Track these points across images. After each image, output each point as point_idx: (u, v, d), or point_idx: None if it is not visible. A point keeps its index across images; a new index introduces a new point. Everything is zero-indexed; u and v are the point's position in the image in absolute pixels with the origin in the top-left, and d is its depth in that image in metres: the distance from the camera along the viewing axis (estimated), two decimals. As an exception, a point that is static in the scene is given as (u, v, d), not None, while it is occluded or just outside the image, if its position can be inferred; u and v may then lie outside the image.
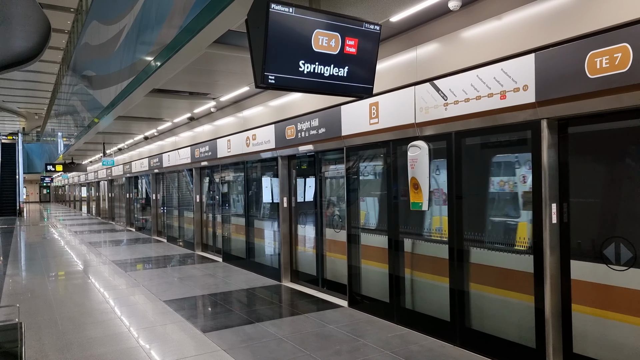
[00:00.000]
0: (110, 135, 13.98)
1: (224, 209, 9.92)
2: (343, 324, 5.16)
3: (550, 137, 3.54)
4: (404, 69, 4.78)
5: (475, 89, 3.98)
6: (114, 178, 21.21)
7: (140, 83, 6.76)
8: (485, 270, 4.16)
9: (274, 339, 4.72)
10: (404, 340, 4.59)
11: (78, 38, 15.28)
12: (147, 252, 11.55)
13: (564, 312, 3.58)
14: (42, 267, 9.40)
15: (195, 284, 7.41)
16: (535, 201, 3.60)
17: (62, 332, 5.07)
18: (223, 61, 5.65)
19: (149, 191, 15.71)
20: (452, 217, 4.37)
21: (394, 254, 5.10)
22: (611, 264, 3.30)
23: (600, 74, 3.09)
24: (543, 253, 3.55)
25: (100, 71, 10.81)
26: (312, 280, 6.96)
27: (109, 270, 8.97)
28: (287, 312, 5.87)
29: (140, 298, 6.61)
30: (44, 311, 5.96)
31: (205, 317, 5.60)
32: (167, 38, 5.32)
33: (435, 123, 4.43)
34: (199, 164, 10.65)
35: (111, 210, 22.54)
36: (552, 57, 3.39)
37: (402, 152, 4.93)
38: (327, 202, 6.76)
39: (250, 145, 8.10)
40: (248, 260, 8.63)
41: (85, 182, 30.74)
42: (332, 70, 3.48)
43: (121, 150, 17.99)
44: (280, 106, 7.20)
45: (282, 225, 7.46)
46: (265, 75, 3.23)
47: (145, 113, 9.80)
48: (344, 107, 5.69)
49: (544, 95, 3.45)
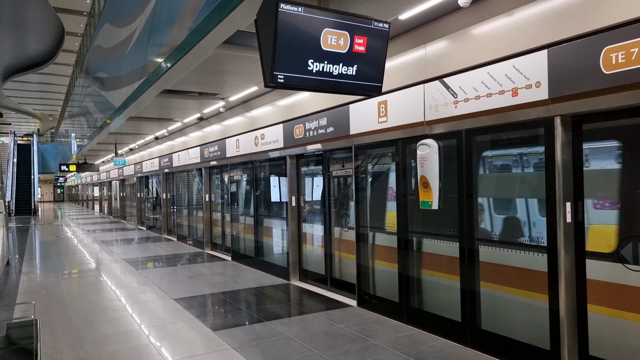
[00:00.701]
0: (121, 136, 14.12)
1: (233, 208, 9.96)
2: (352, 323, 5.14)
3: (564, 135, 3.48)
4: (413, 67, 4.74)
5: (486, 86, 3.93)
6: (125, 178, 21.43)
7: (151, 84, 6.81)
8: (497, 270, 4.11)
9: (283, 337, 4.72)
10: (413, 340, 4.56)
11: (91, 41, 15.45)
12: (158, 250, 11.65)
13: (579, 313, 3.52)
14: (56, 265, 9.53)
15: (204, 282, 7.45)
16: (549, 200, 3.54)
17: (76, 329, 5.13)
18: (232, 61, 5.67)
19: (159, 190, 15.84)
20: (462, 216, 4.32)
21: (404, 253, 5.07)
22: (628, 264, 3.24)
23: (616, 69, 3.03)
24: (557, 252, 3.49)
25: (112, 73, 10.92)
26: (321, 279, 6.95)
27: (121, 268, 9.06)
28: (296, 311, 5.87)
29: (151, 296, 6.66)
30: (58, 308, 6.04)
31: (214, 316, 5.62)
32: (177, 39, 5.34)
33: (445, 121, 4.39)
34: (208, 163, 10.71)
35: (122, 210, 22.78)
36: (566, 52, 3.33)
37: (411, 150, 4.89)
38: (336, 201, 6.74)
39: (258, 144, 8.11)
40: (257, 259, 8.65)
41: (98, 182, 31.11)
42: (341, 69, 3.46)
43: (132, 151, 18.17)
44: (289, 105, 7.20)
45: (290, 224, 7.46)
46: (275, 74, 3.22)
47: (155, 113, 9.88)
48: (352, 106, 5.67)
49: (557, 92, 3.39)
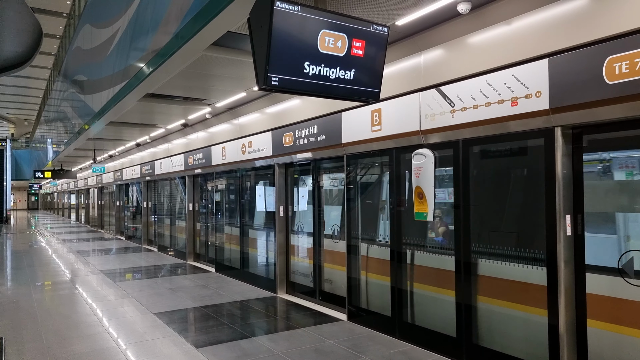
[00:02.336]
0: (101, 142, 13.70)
1: (218, 217, 9.68)
2: (343, 338, 4.94)
3: (564, 146, 3.40)
4: (409, 75, 4.64)
5: (484, 95, 3.84)
6: (104, 185, 20.83)
7: (133, 88, 6.56)
8: (494, 283, 3.99)
9: (270, 355, 4.49)
10: (407, 356, 4.39)
11: (70, 42, 15.04)
12: (137, 261, 11.23)
13: (578, 328, 3.41)
14: (27, 277, 9.06)
15: (187, 296, 7.15)
16: (548, 212, 3.44)
17: (47, 347, 4.80)
18: (220, 65, 5.48)
19: (139, 199, 15.39)
20: (458, 227, 4.20)
21: (397, 265, 4.92)
22: (629, 278, 3.15)
23: (620, 79, 2.96)
24: (557, 266, 3.38)
25: (91, 76, 10.58)
26: (309, 292, 6.73)
27: (97, 280, 8.66)
28: (284, 325, 5.64)
29: (130, 310, 6.33)
30: (28, 324, 5.67)
31: (197, 331, 5.35)
32: (160, 43, 5.14)
33: (441, 130, 4.28)
34: (193, 171, 10.42)
35: (101, 218, 22.11)
36: (568, 62, 3.26)
37: (405, 160, 4.77)
38: (325, 212, 6.57)
39: (246, 152, 7.90)
40: (242, 270, 8.38)
41: (75, 190, 30.22)
42: (339, 73, 3.32)
43: (112, 157, 17.67)
44: (278, 113, 7.03)
45: (278, 235, 7.25)
46: (269, 76, 3.06)
47: (137, 119, 9.58)
48: (344, 114, 5.54)
49: (558, 102, 3.31)
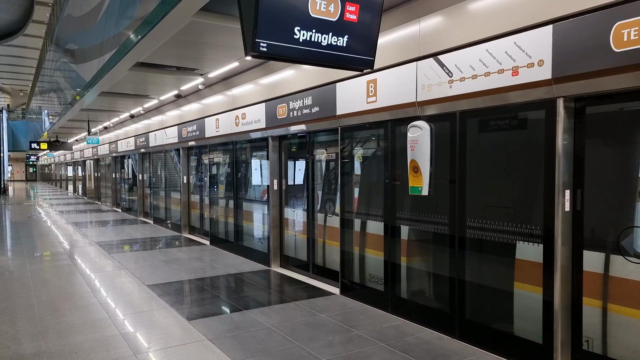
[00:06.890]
0: (95, 113, 13.46)
1: (212, 190, 9.59)
2: (335, 312, 4.93)
3: (566, 118, 3.26)
4: (406, 43, 4.44)
5: (484, 65, 3.67)
6: (100, 157, 20.68)
7: (122, 56, 6.34)
8: (489, 260, 3.92)
9: (262, 328, 4.47)
10: (399, 331, 4.37)
11: (61, 9, 14.59)
12: (133, 233, 11.21)
13: (574, 306, 3.35)
14: (23, 248, 9.04)
15: (181, 268, 7.13)
16: (547, 187, 3.33)
17: (39, 318, 4.77)
18: (211, 32, 5.26)
19: (135, 171, 15.28)
20: (453, 202, 4.11)
21: (390, 240, 4.85)
22: (629, 256, 3.07)
23: (628, 47, 2.79)
24: (554, 242, 3.30)
25: (82, 44, 10.28)
26: (303, 265, 6.71)
27: (93, 252, 8.64)
28: (277, 299, 5.62)
29: (124, 282, 6.31)
30: (21, 294, 5.65)
31: (190, 304, 5.33)
32: (147, 9, 4.90)
33: (438, 102, 4.12)
34: (187, 143, 10.26)
35: (97, 190, 22.05)
36: (573, 28, 3.08)
37: (401, 133, 4.63)
38: (320, 186, 6.46)
39: (239, 124, 7.73)
40: (236, 243, 8.35)
41: (72, 161, 30.07)
42: (331, 39, 3.14)
43: (107, 129, 17.45)
44: (272, 84, 6.83)
45: (272, 209, 7.17)
46: (257, 42, 2.89)
47: (130, 89, 9.35)
48: (339, 85, 5.36)
49: (561, 72, 3.15)
